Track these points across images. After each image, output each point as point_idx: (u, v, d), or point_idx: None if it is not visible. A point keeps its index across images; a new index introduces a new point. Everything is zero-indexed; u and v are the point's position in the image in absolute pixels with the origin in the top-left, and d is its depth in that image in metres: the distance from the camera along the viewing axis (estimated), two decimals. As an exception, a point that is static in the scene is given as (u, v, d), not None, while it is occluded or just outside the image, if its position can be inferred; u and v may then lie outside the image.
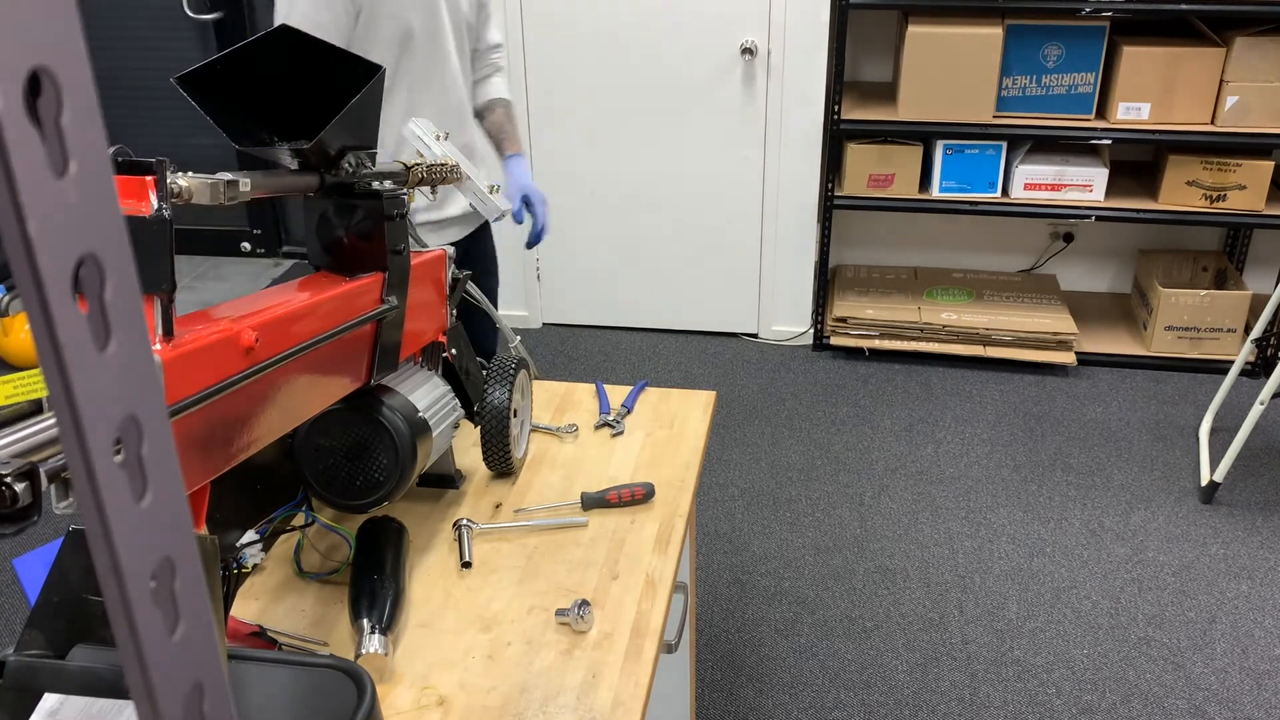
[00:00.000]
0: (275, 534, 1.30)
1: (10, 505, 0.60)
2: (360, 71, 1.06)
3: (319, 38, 1.07)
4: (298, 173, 1.08)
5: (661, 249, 3.87)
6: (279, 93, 1.06)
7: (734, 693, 2.34)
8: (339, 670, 0.96)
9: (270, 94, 1.06)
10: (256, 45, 1.04)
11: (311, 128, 1.03)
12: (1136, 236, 3.89)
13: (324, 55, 1.06)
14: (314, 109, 1.04)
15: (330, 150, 1.08)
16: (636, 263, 3.90)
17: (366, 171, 1.16)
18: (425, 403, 1.28)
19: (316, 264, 1.19)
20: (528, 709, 1.13)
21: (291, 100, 1.07)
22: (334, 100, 1.03)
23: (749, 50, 3.51)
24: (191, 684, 0.35)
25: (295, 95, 1.07)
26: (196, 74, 1.00)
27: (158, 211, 0.79)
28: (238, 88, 1.04)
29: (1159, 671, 2.36)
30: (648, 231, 3.86)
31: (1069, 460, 3.13)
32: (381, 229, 1.16)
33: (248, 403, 0.92)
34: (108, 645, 0.86)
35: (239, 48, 1.02)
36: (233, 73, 1.02)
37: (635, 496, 1.46)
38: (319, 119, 1.02)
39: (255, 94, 1.05)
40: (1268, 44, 3.20)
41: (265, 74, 1.05)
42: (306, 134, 1.05)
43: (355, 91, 1.03)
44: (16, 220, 0.27)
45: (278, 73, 1.06)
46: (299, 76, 1.07)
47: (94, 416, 0.30)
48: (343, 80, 1.05)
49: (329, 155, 1.09)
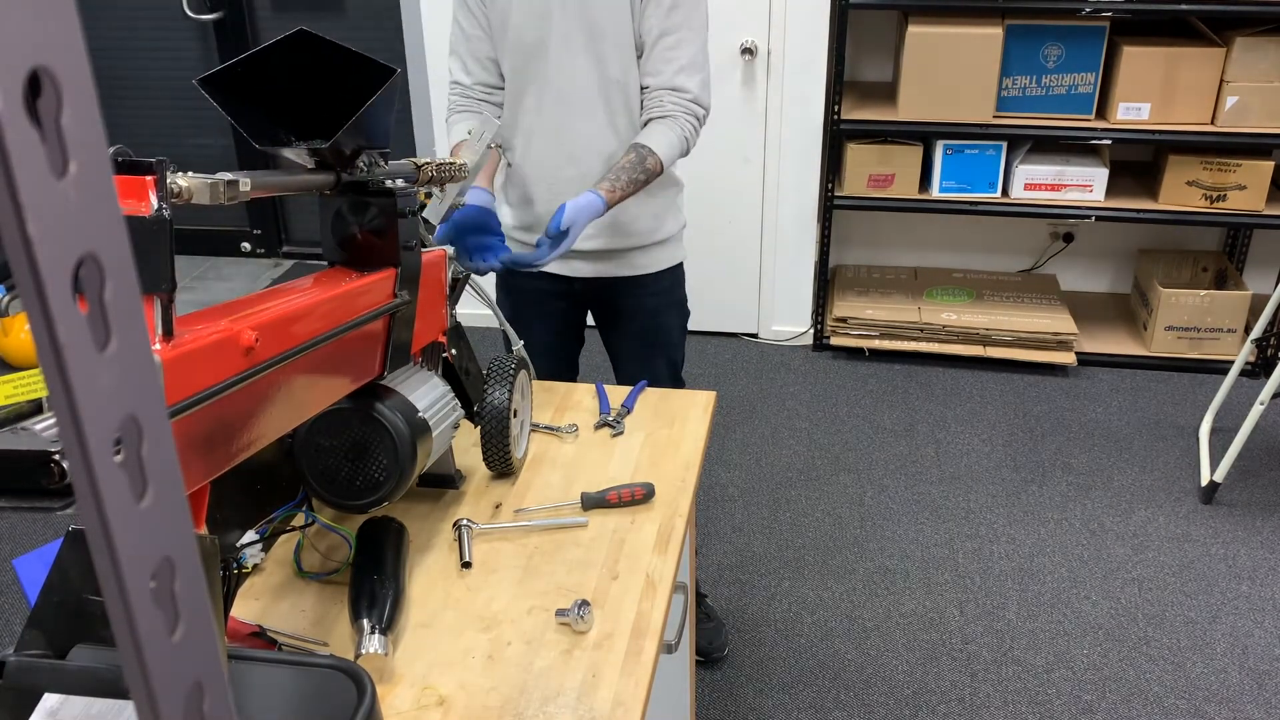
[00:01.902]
0: (275, 534, 1.30)
1: (59, 481, 0.66)
2: (375, 74, 1.08)
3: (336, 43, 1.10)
4: (314, 171, 1.12)
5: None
6: (297, 94, 1.09)
7: (734, 693, 2.34)
8: (339, 670, 0.96)
9: (288, 95, 1.09)
10: (276, 48, 1.06)
11: (328, 128, 1.07)
12: (1136, 236, 3.89)
13: (340, 57, 1.09)
14: (330, 110, 1.07)
15: (346, 150, 1.12)
16: (636, 263, 3.90)
17: (380, 170, 1.19)
18: (425, 403, 1.28)
19: (330, 259, 1.22)
20: (528, 709, 1.13)
21: (309, 101, 1.10)
22: (350, 101, 1.06)
23: (749, 50, 3.51)
24: (191, 684, 0.35)
25: (312, 96, 1.10)
26: (218, 76, 1.03)
27: (158, 211, 0.79)
28: (257, 89, 1.07)
29: (1159, 671, 2.36)
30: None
31: (1069, 460, 3.13)
32: (394, 226, 1.20)
33: (249, 402, 0.92)
34: (108, 645, 0.86)
35: (259, 50, 1.05)
36: (253, 74, 1.05)
37: (635, 496, 1.46)
38: (335, 119, 1.05)
39: (274, 95, 1.08)
40: (1268, 44, 3.20)
41: (284, 75, 1.08)
42: (323, 134, 1.08)
43: (371, 93, 1.06)
44: (16, 220, 0.27)
45: (296, 74, 1.09)
46: (316, 78, 1.10)
47: (94, 416, 0.30)
48: (359, 82, 1.08)
49: (344, 154, 1.13)
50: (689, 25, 1.87)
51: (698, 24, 1.89)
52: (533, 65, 1.90)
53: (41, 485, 0.66)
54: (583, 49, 1.88)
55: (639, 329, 2.15)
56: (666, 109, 1.90)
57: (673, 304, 2.18)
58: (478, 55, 1.95)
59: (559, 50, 1.88)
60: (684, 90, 1.89)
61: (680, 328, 2.22)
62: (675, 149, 1.90)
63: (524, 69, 1.92)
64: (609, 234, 2.02)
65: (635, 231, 2.05)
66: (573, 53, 1.88)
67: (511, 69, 1.93)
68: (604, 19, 1.86)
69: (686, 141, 1.92)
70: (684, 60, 1.88)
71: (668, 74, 1.88)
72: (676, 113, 1.89)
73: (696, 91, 1.90)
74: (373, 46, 1.09)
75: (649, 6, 1.85)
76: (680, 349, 2.23)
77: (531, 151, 1.97)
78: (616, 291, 2.12)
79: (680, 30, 1.86)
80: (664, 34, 1.86)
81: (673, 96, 1.89)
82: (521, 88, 1.94)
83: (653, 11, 1.85)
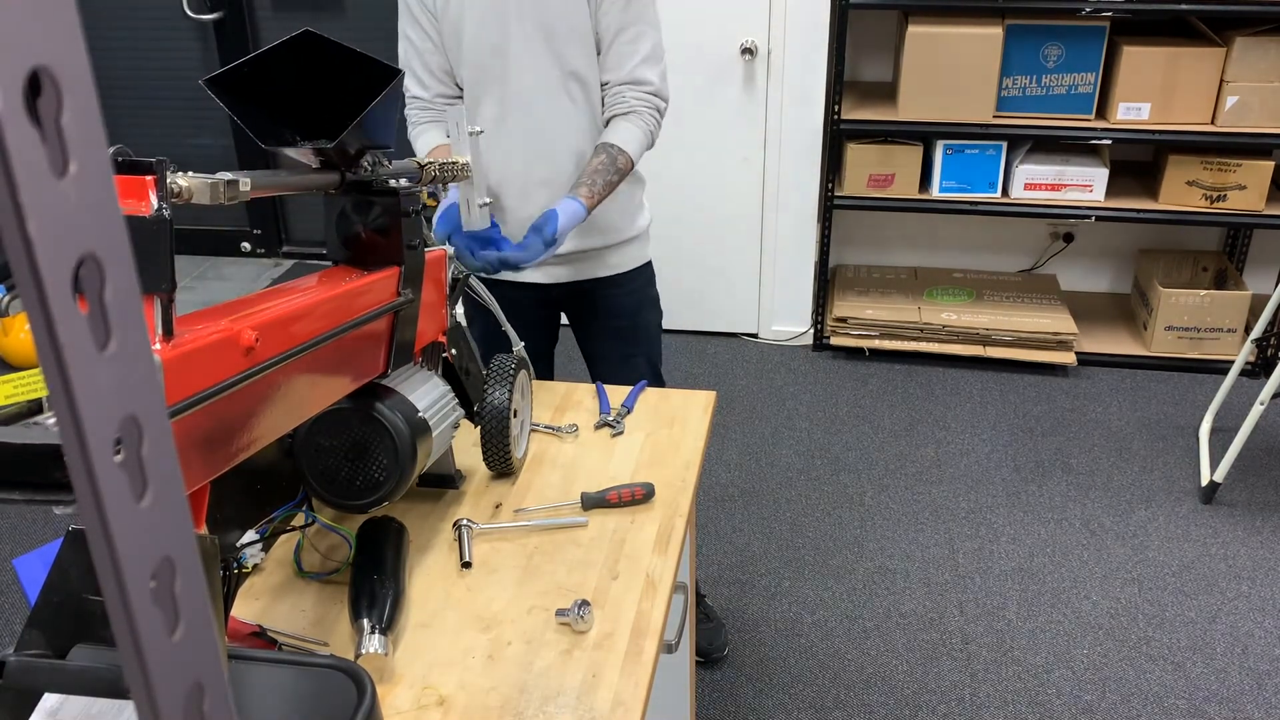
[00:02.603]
0: (275, 534, 1.30)
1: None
2: (379, 74, 1.10)
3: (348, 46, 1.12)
4: (319, 171, 1.14)
5: (661, 249, 3.86)
6: (302, 94, 1.11)
7: (734, 693, 2.34)
8: (339, 670, 0.96)
9: (294, 95, 1.10)
10: (281, 49, 1.08)
11: (333, 128, 1.08)
12: (1136, 236, 3.89)
13: (345, 58, 1.11)
14: (335, 110, 1.09)
15: (350, 149, 1.14)
16: (636, 263, 3.90)
17: (384, 170, 1.21)
18: (425, 403, 1.29)
19: (335, 258, 1.24)
20: (528, 709, 1.13)
21: (314, 101, 1.11)
22: (354, 101, 1.08)
23: (749, 50, 3.51)
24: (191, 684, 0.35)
25: (317, 96, 1.11)
26: (224, 76, 1.04)
27: (158, 211, 0.79)
28: (263, 89, 1.08)
29: (1159, 671, 2.36)
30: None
31: (1069, 460, 3.13)
32: (398, 224, 1.22)
33: (249, 402, 0.92)
34: (108, 645, 0.86)
35: (265, 51, 1.07)
36: (258, 75, 1.07)
37: (635, 496, 1.46)
38: (340, 119, 1.07)
39: (280, 95, 1.10)
40: (1268, 44, 3.20)
41: (289, 76, 1.09)
42: (328, 134, 1.10)
43: (375, 93, 1.08)
44: (16, 220, 0.27)
45: (301, 75, 1.10)
46: (321, 78, 1.11)
47: (94, 416, 0.30)
48: (363, 82, 1.10)
49: (349, 154, 1.15)
50: (644, 19, 1.89)
51: (652, 18, 1.91)
52: (492, 69, 1.90)
53: (55, 478, 0.68)
54: (543, 48, 1.88)
55: (617, 329, 2.15)
56: (630, 104, 1.91)
57: (648, 301, 2.19)
58: (430, 67, 1.95)
59: (519, 51, 1.88)
60: (645, 83, 1.91)
61: (657, 324, 2.23)
62: (642, 144, 1.93)
63: (483, 75, 1.91)
64: (580, 235, 2.01)
65: (606, 229, 2.05)
66: (533, 53, 1.88)
67: (470, 78, 1.92)
68: (560, 17, 1.86)
69: (651, 135, 1.94)
70: (644, 52, 1.90)
71: (628, 67, 1.90)
72: (640, 107, 1.91)
73: (658, 84, 1.93)
74: (372, 46, 1.10)
75: (604, 3, 1.86)
76: (658, 346, 2.23)
77: (496, 155, 1.95)
78: (593, 293, 2.12)
79: (638, 24, 1.88)
80: (622, 28, 1.88)
81: (634, 90, 1.91)
82: (480, 95, 1.93)
83: (609, 7, 1.86)
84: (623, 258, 2.11)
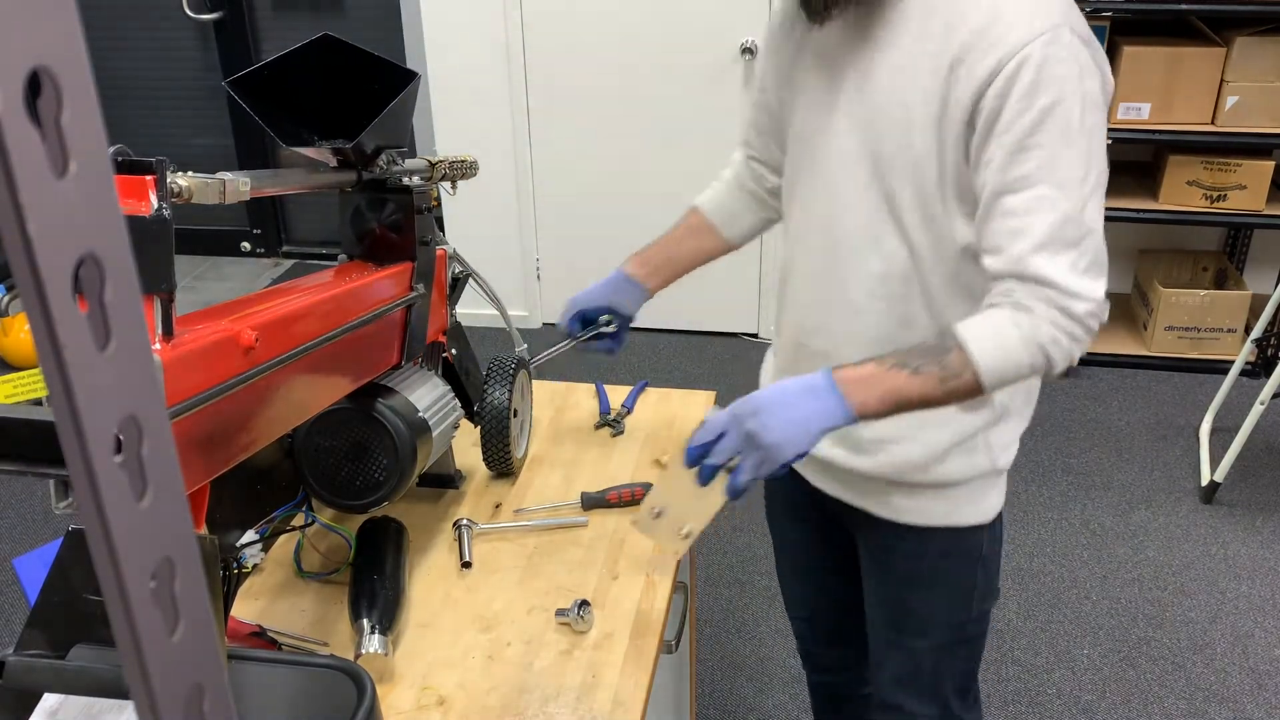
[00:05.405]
0: (275, 534, 1.30)
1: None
2: (397, 76, 1.13)
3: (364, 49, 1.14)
4: (337, 169, 1.17)
5: (661, 249, 3.87)
6: (321, 95, 1.14)
7: (734, 693, 2.34)
8: (339, 670, 0.96)
9: (313, 97, 1.14)
10: (302, 51, 1.11)
11: (350, 128, 1.11)
12: (1136, 236, 3.89)
13: (363, 61, 1.14)
14: (353, 111, 1.12)
15: (367, 149, 1.17)
16: (636, 263, 3.90)
17: (398, 168, 1.24)
18: (425, 403, 1.29)
19: (349, 254, 1.28)
20: (528, 709, 1.13)
21: (332, 102, 1.15)
22: (372, 103, 1.11)
23: (749, 50, 3.51)
24: (191, 684, 0.35)
25: (336, 98, 1.15)
26: (246, 78, 1.07)
27: (158, 211, 0.79)
28: (283, 91, 1.11)
29: (1159, 671, 2.36)
30: (648, 231, 3.85)
31: (1069, 460, 3.13)
32: (412, 221, 1.25)
33: (249, 402, 0.92)
34: (108, 645, 0.86)
35: (286, 54, 1.10)
36: (278, 77, 1.10)
37: (635, 496, 1.46)
38: (358, 120, 1.10)
39: (299, 97, 1.13)
40: (1268, 44, 3.20)
41: (309, 78, 1.13)
42: (346, 134, 1.13)
43: (392, 95, 1.11)
44: (16, 220, 0.27)
45: (320, 77, 1.13)
46: (340, 80, 1.14)
47: (94, 416, 0.30)
48: (380, 85, 1.13)
49: (366, 153, 1.18)
50: (1050, 178, 1.12)
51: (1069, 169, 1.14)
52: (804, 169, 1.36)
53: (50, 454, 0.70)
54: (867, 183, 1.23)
55: (884, 596, 1.49)
56: (1017, 299, 1.14)
57: (940, 581, 1.44)
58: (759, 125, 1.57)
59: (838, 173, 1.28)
60: (1040, 279, 1.12)
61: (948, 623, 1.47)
62: (1015, 357, 1.13)
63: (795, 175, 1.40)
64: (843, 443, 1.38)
65: (888, 456, 1.34)
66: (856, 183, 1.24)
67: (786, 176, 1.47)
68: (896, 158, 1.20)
69: (1044, 351, 1.13)
70: (1040, 234, 1.12)
71: (1012, 253, 1.14)
72: (1033, 304, 1.13)
73: (1064, 279, 1.12)
74: (373, 46, 1.11)
75: (988, 144, 1.13)
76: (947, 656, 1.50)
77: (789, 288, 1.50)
78: (866, 528, 1.46)
79: (1036, 186, 1.12)
80: (1004, 191, 1.13)
81: (1023, 288, 1.13)
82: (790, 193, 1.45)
83: (993, 153, 1.12)
84: (916, 506, 1.38)
